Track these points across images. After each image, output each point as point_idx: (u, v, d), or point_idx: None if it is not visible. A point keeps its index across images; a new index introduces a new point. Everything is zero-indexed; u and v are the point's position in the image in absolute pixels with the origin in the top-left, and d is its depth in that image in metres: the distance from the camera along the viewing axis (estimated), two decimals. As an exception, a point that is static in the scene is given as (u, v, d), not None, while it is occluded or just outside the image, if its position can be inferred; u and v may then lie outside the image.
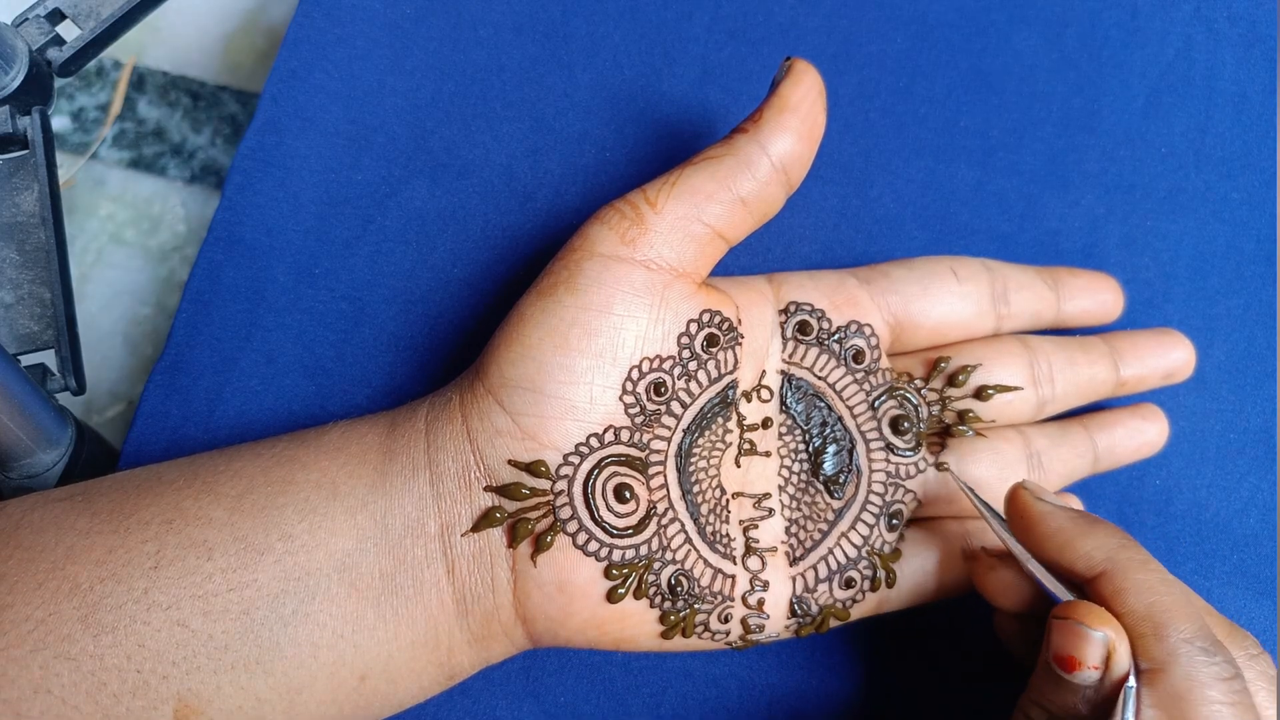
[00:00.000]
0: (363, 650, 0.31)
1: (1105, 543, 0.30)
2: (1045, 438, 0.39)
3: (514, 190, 0.42)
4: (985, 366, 0.38)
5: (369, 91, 0.42)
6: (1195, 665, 0.27)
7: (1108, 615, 0.29)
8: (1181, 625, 0.28)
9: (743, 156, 0.34)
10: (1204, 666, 0.27)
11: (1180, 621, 0.28)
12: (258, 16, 0.50)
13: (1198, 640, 0.28)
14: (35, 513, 0.30)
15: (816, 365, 0.37)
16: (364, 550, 0.31)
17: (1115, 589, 0.29)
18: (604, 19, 0.44)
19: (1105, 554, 0.30)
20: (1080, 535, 0.31)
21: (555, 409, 0.32)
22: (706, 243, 0.34)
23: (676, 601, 0.33)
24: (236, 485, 0.31)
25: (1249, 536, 0.40)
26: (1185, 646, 0.28)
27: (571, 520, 0.32)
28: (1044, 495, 0.33)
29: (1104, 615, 0.29)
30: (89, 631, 0.28)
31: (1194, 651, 0.28)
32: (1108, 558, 0.30)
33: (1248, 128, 0.44)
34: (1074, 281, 0.40)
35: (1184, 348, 0.40)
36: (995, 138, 0.44)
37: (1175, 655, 0.28)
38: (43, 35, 0.40)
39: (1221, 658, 0.28)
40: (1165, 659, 0.28)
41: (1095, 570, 0.30)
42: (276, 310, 0.40)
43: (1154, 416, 0.40)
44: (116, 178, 0.48)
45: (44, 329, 0.38)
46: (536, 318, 0.33)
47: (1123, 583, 0.29)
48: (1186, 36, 0.45)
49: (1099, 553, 0.30)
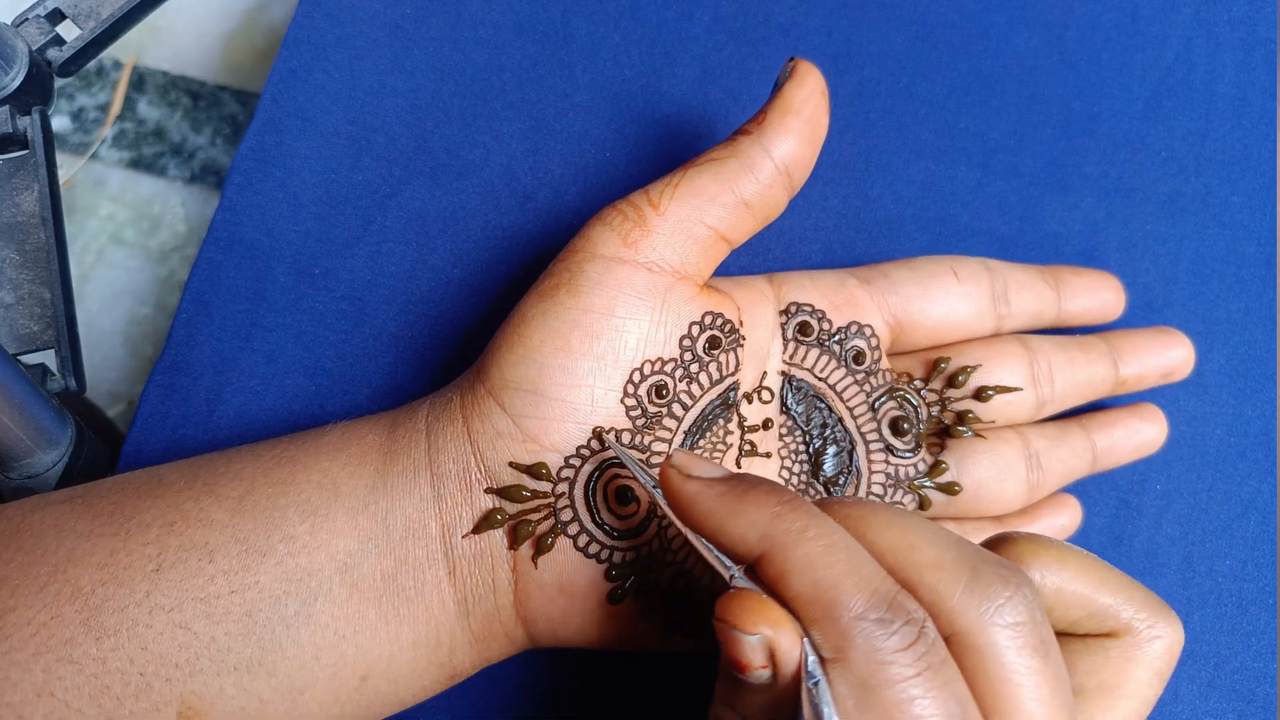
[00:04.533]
0: (364, 651, 0.31)
1: (757, 518, 0.27)
2: (1044, 438, 0.39)
3: (514, 190, 0.42)
4: (985, 367, 0.38)
5: (369, 91, 0.42)
6: (873, 641, 0.24)
7: (765, 608, 0.25)
8: (851, 600, 0.25)
9: (746, 158, 0.34)
10: (883, 640, 0.24)
11: (848, 596, 0.25)
12: (258, 16, 0.50)
13: (871, 613, 0.25)
14: (35, 515, 0.30)
15: (817, 366, 0.37)
16: (365, 551, 0.31)
17: (777, 572, 0.26)
18: (604, 19, 0.44)
19: (758, 532, 0.26)
20: (730, 515, 0.27)
21: (556, 411, 0.32)
22: (709, 245, 0.34)
23: (677, 602, 0.33)
24: (237, 487, 0.31)
25: (1249, 540, 0.40)
26: (858, 624, 0.24)
27: (573, 522, 0.32)
28: (695, 470, 0.29)
29: (760, 609, 0.25)
30: (91, 635, 0.28)
31: (869, 627, 0.24)
32: (763, 535, 0.26)
33: (1248, 131, 0.45)
34: (1075, 280, 0.40)
35: (1183, 346, 0.40)
36: (995, 139, 0.44)
37: (850, 637, 0.24)
38: (43, 35, 0.40)
39: (900, 622, 0.25)
40: (842, 643, 0.25)
41: (754, 553, 0.26)
42: (276, 310, 0.40)
43: (1153, 416, 0.40)
44: (116, 178, 0.48)
45: (44, 329, 0.38)
46: (538, 319, 0.33)
47: (783, 563, 0.26)
48: (1187, 39, 0.45)
49: (752, 532, 0.26)
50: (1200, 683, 0.39)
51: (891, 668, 0.24)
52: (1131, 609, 0.29)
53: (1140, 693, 0.29)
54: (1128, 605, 0.29)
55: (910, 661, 0.24)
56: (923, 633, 0.25)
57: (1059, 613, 0.29)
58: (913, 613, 0.25)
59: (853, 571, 0.25)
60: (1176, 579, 0.40)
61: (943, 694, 0.24)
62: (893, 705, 0.24)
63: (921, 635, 0.25)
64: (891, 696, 0.24)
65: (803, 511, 0.27)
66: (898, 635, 0.24)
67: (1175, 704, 0.39)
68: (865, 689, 0.24)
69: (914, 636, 0.24)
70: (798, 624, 0.25)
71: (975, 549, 0.27)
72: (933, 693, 0.24)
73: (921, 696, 0.24)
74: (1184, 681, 0.39)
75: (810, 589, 0.25)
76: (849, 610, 0.25)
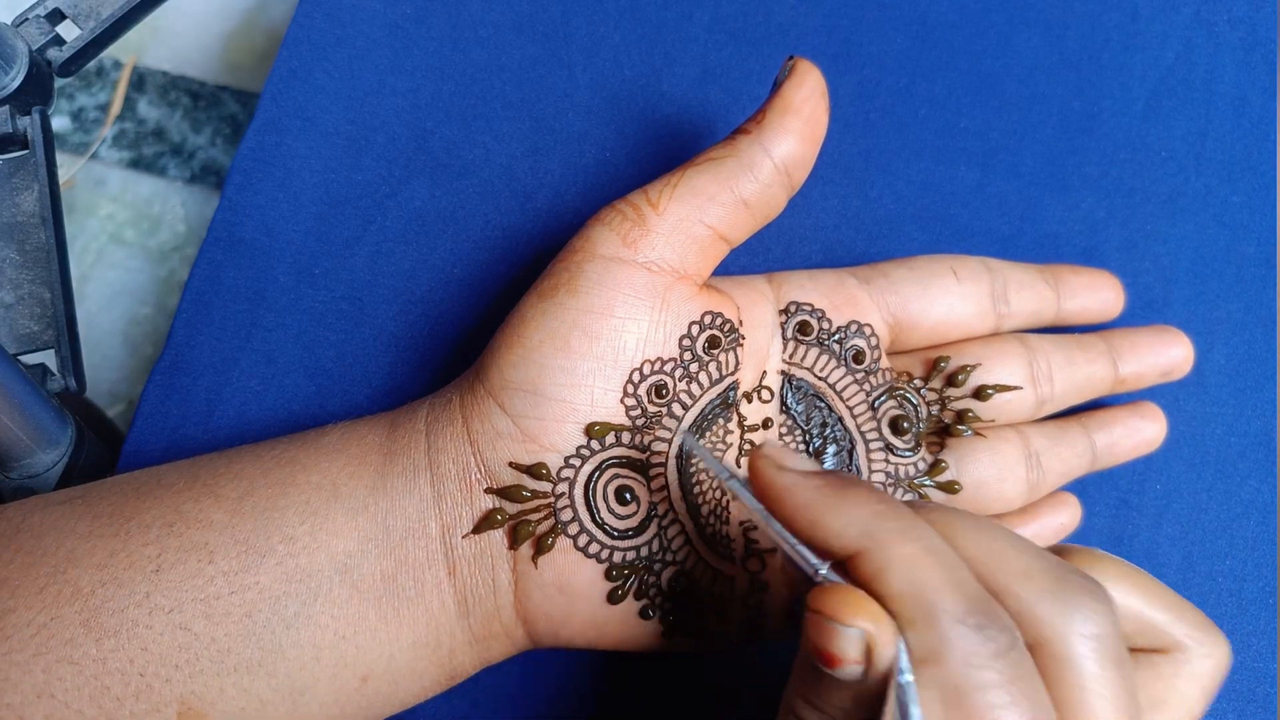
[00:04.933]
0: (365, 651, 0.31)
1: (857, 515, 0.26)
2: (1044, 437, 0.39)
3: (514, 190, 0.42)
4: (984, 366, 0.38)
5: (369, 91, 0.42)
6: (969, 646, 0.24)
7: (864, 603, 0.25)
8: (949, 603, 0.25)
9: (745, 158, 0.34)
10: (979, 644, 0.24)
11: (949, 599, 0.25)
12: (258, 16, 0.50)
13: (969, 618, 0.24)
14: (35, 516, 0.30)
15: (817, 366, 0.37)
16: (365, 552, 0.31)
17: (874, 569, 0.25)
18: (604, 19, 0.44)
19: (859, 529, 0.26)
20: (829, 510, 0.27)
21: (556, 411, 0.32)
22: (708, 244, 0.34)
23: (677, 603, 0.33)
24: (237, 487, 0.31)
25: (1249, 540, 0.40)
26: (956, 628, 0.24)
27: (573, 522, 0.32)
28: (788, 462, 0.28)
29: (859, 604, 0.25)
30: (91, 635, 0.28)
31: (966, 632, 0.24)
32: (862, 532, 0.26)
33: (1248, 131, 0.45)
34: (1075, 279, 0.40)
35: (1182, 345, 0.40)
36: (995, 139, 0.44)
37: (948, 640, 0.24)
38: (43, 35, 0.40)
39: (994, 629, 0.24)
40: (938, 646, 0.24)
41: (851, 549, 0.26)
42: (276, 310, 0.40)
43: (1152, 415, 0.40)
44: (116, 178, 0.48)
45: (44, 329, 0.38)
46: (537, 320, 0.33)
47: (882, 561, 0.25)
48: (1187, 40, 0.45)
49: (852, 528, 0.26)
50: (1200, 683, 0.39)
51: (984, 673, 0.24)
52: (1184, 627, 0.29)
53: (1188, 708, 0.29)
54: (1180, 623, 0.29)
55: (1001, 669, 0.24)
56: (1014, 642, 0.25)
57: None
58: (1004, 621, 0.25)
59: (950, 576, 0.25)
60: (1176, 579, 0.40)
61: (1029, 702, 0.24)
62: (980, 711, 0.24)
63: (1013, 645, 0.25)
64: (979, 702, 0.24)
65: (903, 513, 0.26)
66: (992, 643, 0.24)
67: (1175, 704, 0.39)
68: (956, 693, 0.24)
69: (1007, 645, 0.24)
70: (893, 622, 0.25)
71: (1059, 560, 0.27)
72: (1020, 702, 0.24)
73: (1009, 704, 0.24)
74: (1184, 681, 0.39)
75: (910, 589, 0.25)
76: (948, 613, 0.24)
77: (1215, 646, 0.29)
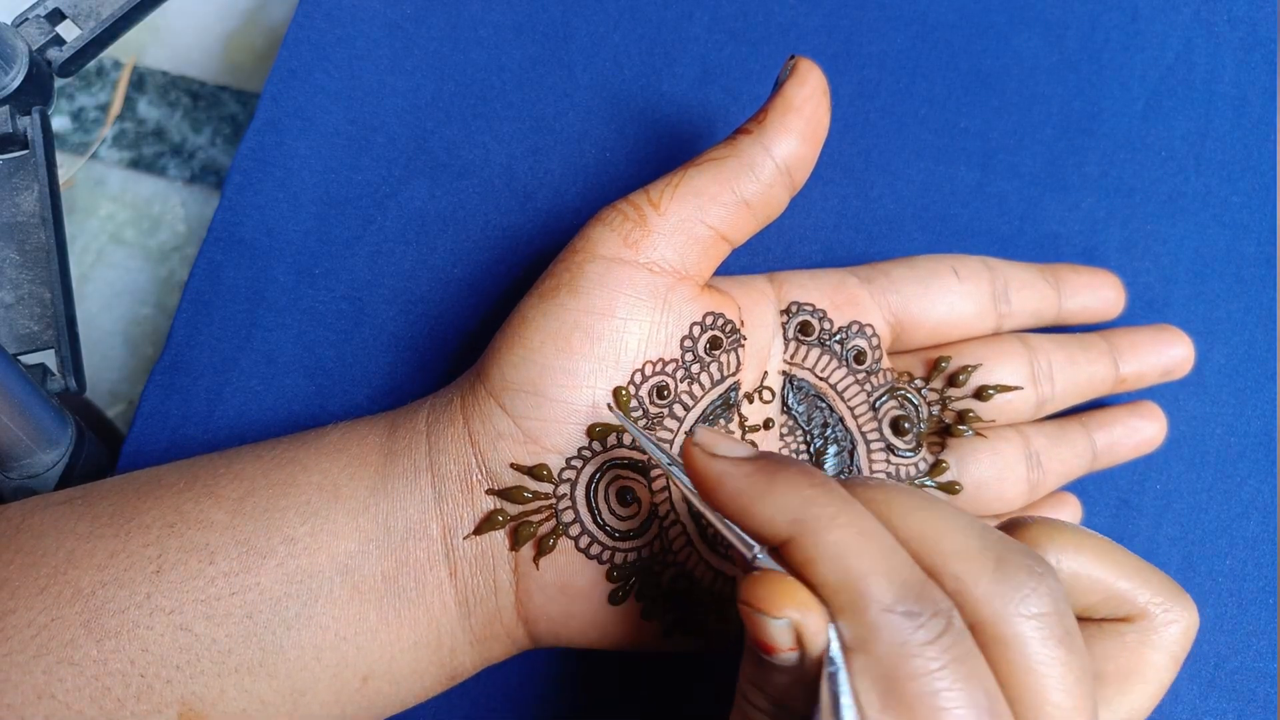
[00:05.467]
0: (365, 652, 0.31)
1: (786, 502, 0.26)
2: (1044, 437, 0.39)
3: (514, 190, 0.42)
4: (985, 366, 0.38)
5: (369, 91, 0.42)
6: (899, 634, 0.24)
7: (793, 591, 0.25)
8: (879, 591, 0.24)
9: (746, 158, 0.34)
10: (910, 633, 0.24)
11: (878, 587, 0.24)
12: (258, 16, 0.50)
13: (899, 605, 0.24)
14: (35, 516, 0.30)
15: (818, 366, 0.37)
16: (366, 552, 0.31)
17: (805, 557, 0.25)
18: (604, 19, 0.44)
19: (788, 515, 0.25)
20: (759, 497, 0.26)
21: (558, 413, 0.32)
22: (710, 244, 0.34)
23: (678, 603, 0.33)
24: (237, 488, 0.31)
25: (1249, 540, 0.40)
26: (885, 616, 0.24)
27: (574, 523, 0.32)
28: (720, 449, 0.27)
29: (787, 593, 0.25)
30: (92, 636, 0.28)
31: (896, 620, 0.24)
32: (792, 520, 0.25)
33: (1248, 131, 0.45)
34: (1075, 279, 0.40)
35: (1183, 344, 0.40)
36: (995, 139, 0.44)
37: (876, 629, 0.24)
38: (43, 35, 0.40)
39: (927, 613, 0.24)
40: (867, 634, 0.24)
41: (781, 537, 0.25)
42: (276, 310, 0.40)
43: (1152, 414, 0.40)
44: (116, 178, 0.48)
45: (44, 329, 0.38)
46: (538, 320, 0.33)
47: (811, 549, 0.25)
48: (1187, 39, 0.45)
49: (781, 516, 0.25)
50: (1200, 683, 0.39)
51: (916, 660, 0.24)
52: (1148, 593, 0.29)
53: (1157, 677, 0.29)
54: (1144, 589, 0.29)
55: (936, 654, 0.24)
56: (949, 625, 0.24)
57: (1075, 597, 0.28)
58: (940, 604, 0.25)
59: (882, 561, 0.25)
60: (1176, 579, 0.39)
61: (968, 685, 0.24)
62: (916, 698, 0.23)
63: (949, 628, 0.24)
64: (915, 689, 0.23)
65: (834, 496, 0.26)
66: (924, 629, 0.24)
67: (1175, 704, 0.39)
68: (888, 680, 0.24)
69: (941, 629, 0.24)
70: (824, 608, 0.25)
71: (1000, 537, 0.26)
72: (958, 685, 0.24)
73: (947, 689, 0.24)
74: (1184, 681, 0.39)
75: (838, 577, 0.25)
76: (877, 602, 0.24)
77: (1182, 611, 0.29)
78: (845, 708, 0.24)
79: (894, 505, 0.27)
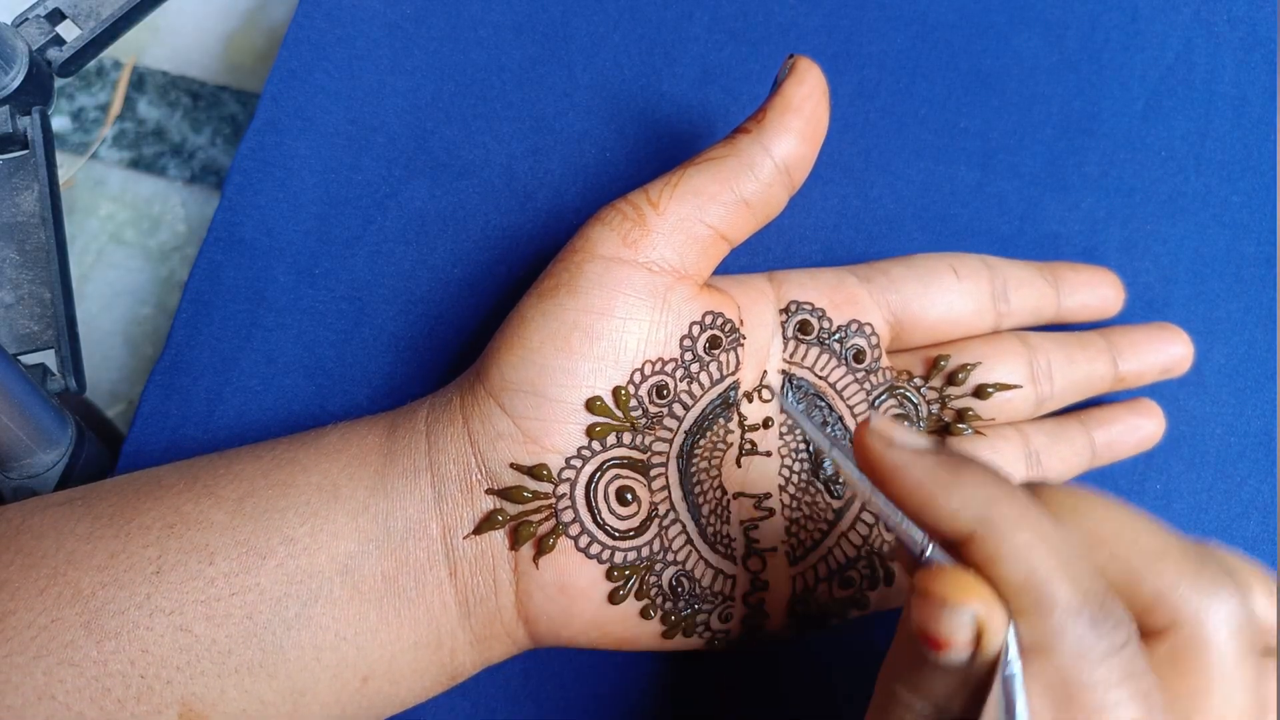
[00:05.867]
0: (366, 652, 0.31)
1: (973, 498, 0.25)
2: (1044, 435, 0.39)
3: (514, 190, 0.42)
4: (984, 364, 0.38)
5: (369, 91, 0.42)
6: (1082, 640, 0.23)
7: (976, 585, 0.24)
8: (1065, 595, 0.23)
9: (745, 157, 0.34)
10: (1093, 641, 0.23)
11: (1063, 591, 0.24)
12: (258, 16, 0.50)
13: (1086, 609, 0.23)
14: (35, 518, 0.30)
15: (817, 365, 0.37)
16: (366, 553, 0.31)
17: (988, 555, 0.24)
18: (604, 19, 0.44)
19: (973, 512, 0.25)
20: (943, 491, 0.25)
21: (557, 412, 0.32)
22: (709, 244, 0.34)
23: (678, 602, 0.33)
24: (237, 488, 0.31)
25: (1249, 540, 0.40)
26: (1070, 620, 0.23)
27: (574, 523, 0.32)
28: (899, 438, 0.27)
29: (970, 586, 0.24)
30: (92, 637, 0.28)
31: (1080, 625, 0.23)
32: (977, 516, 0.24)
33: (1248, 131, 0.45)
34: (1074, 277, 0.40)
35: (1182, 342, 0.40)
36: (995, 139, 0.44)
37: (1060, 633, 0.23)
38: (43, 35, 0.40)
39: (1110, 624, 0.23)
40: (1048, 638, 0.23)
41: (964, 533, 0.25)
42: (276, 310, 0.40)
43: (1150, 412, 0.40)
44: (116, 178, 0.48)
45: (44, 329, 0.38)
46: (537, 320, 0.33)
47: (996, 548, 0.24)
48: (1187, 39, 0.45)
49: (966, 511, 0.25)
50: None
51: (1096, 670, 0.23)
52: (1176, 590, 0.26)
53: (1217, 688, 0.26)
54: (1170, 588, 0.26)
55: (1115, 665, 0.23)
56: (1130, 639, 0.24)
57: None
58: (1121, 616, 0.24)
59: (1068, 566, 0.24)
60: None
61: (1146, 703, 0.23)
62: (1091, 708, 0.23)
63: (1129, 641, 0.24)
64: (1091, 699, 0.23)
65: (1019, 497, 0.25)
66: (1107, 638, 0.23)
67: (1175, 703, 0.39)
68: (1065, 687, 0.23)
69: (1122, 641, 0.24)
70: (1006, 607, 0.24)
71: (1197, 543, 0.26)
72: (1135, 701, 0.23)
73: (1121, 703, 0.23)
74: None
75: (1023, 577, 0.24)
76: (1061, 604, 0.23)
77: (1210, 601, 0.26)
78: (1020, 713, 0.23)
79: (1086, 508, 0.26)
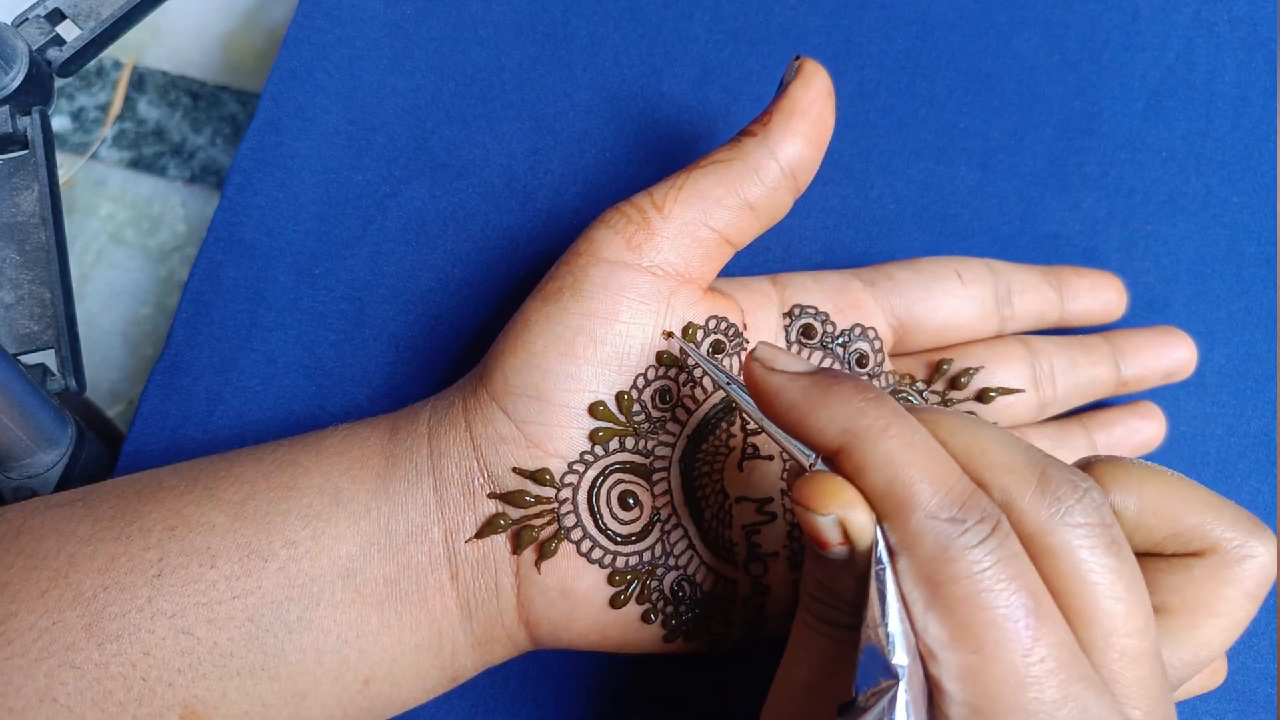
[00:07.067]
0: (367, 655, 0.31)
1: (840, 413, 0.26)
2: (1046, 439, 0.39)
3: (514, 190, 0.42)
4: (987, 369, 0.38)
5: (369, 91, 0.42)
6: (941, 538, 0.24)
7: (837, 490, 0.26)
8: (924, 498, 0.25)
9: (751, 161, 0.34)
10: (954, 537, 0.24)
11: (923, 494, 0.25)
12: (258, 16, 0.50)
13: (942, 512, 0.25)
14: (36, 519, 0.30)
15: (818, 368, 0.37)
16: (368, 556, 0.31)
17: (855, 466, 0.26)
18: (604, 19, 0.44)
19: (840, 426, 0.26)
20: (813, 408, 0.27)
21: (560, 417, 0.32)
22: (713, 248, 0.34)
23: (679, 607, 0.33)
24: (238, 491, 0.31)
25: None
26: (929, 523, 0.25)
27: (576, 528, 0.32)
28: (778, 363, 0.28)
29: (835, 491, 0.26)
30: (93, 640, 0.28)
31: (939, 525, 0.25)
32: (843, 429, 0.26)
33: (1248, 131, 0.45)
34: (1078, 281, 0.40)
35: (1185, 346, 0.40)
36: (996, 139, 0.44)
37: (920, 534, 0.25)
38: (43, 35, 0.40)
39: (973, 520, 0.25)
40: (910, 536, 0.25)
41: (833, 446, 0.26)
42: (276, 310, 0.40)
43: (1151, 415, 0.40)
44: (116, 178, 0.48)
45: (44, 329, 0.38)
46: (541, 324, 0.33)
47: (861, 458, 0.26)
48: (1187, 40, 0.45)
49: (832, 426, 0.26)
50: (1200, 683, 0.39)
51: (959, 563, 0.24)
52: (1221, 527, 0.28)
53: (1230, 612, 0.28)
54: (1217, 524, 0.28)
55: (981, 556, 0.24)
56: (996, 529, 0.25)
57: (1141, 535, 0.28)
58: (987, 510, 0.25)
59: (929, 470, 0.25)
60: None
61: (1014, 585, 0.24)
62: (961, 598, 0.24)
63: (995, 532, 0.25)
64: (960, 590, 0.24)
65: (886, 409, 0.26)
66: (970, 533, 0.25)
67: (1175, 704, 0.39)
68: (932, 582, 0.24)
69: (986, 533, 0.25)
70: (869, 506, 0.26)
71: (1045, 454, 0.27)
72: (1002, 584, 0.24)
73: (991, 589, 0.24)
74: (1184, 682, 0.39)
75: (885, 485, 0.25)
76: (921, 508, 0.25)
77: (1260, 544, 0.28)
78: (890, 602, 0.25)
79: (940, 423, 0.27)
